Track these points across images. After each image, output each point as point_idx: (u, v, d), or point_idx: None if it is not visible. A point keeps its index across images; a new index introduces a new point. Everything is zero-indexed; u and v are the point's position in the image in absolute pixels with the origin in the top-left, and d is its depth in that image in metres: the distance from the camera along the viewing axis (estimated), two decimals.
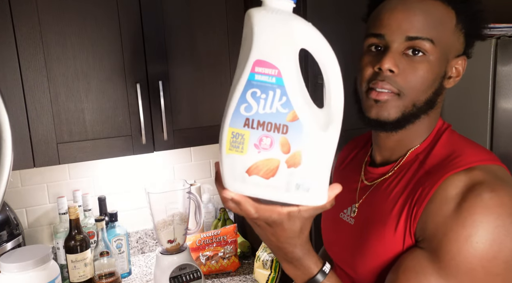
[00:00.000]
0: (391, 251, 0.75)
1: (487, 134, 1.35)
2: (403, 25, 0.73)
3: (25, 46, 1.31)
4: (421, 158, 0.79)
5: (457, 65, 0.79)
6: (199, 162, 1.94)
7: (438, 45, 0.74)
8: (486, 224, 0.65)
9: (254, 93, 0.52)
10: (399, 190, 0.78)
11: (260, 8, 0.52)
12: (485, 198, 0.66)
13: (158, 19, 1.45)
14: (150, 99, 1.48)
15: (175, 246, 1.41)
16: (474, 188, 0.68)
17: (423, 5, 0.74)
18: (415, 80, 0.74)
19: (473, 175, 0.69)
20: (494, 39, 1.30)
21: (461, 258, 0.66)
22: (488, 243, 0.65)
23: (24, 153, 1.35)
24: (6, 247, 1.39)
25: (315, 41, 0.53)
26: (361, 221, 0.84)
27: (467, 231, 0.65)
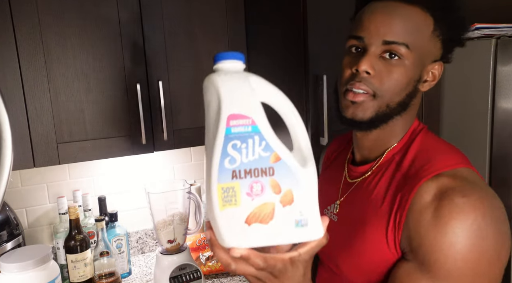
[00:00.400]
0: (377, 250, 0.78)
1: (487, 134, 1.35)
2: (381, 29, 0.76)
3: (25, 46, 1.31)
4: (398, 158, 0.82)
5: (433, 70, 0.81)
6: (199, 162, 1.94)
7: (414, 50, 0.76)
8: (465, 230, 0.68)
9: (235, 145, 0.54)
10: (379, 191, 0.81)
11: (218, 73, 0.58)
12: (459, 204, 0.69)
13: (158, 19, 1.45)
14: (150, 99, 1.48)
15: (175, 246, 1.41)
16: (446, 194, 0.71)
17: (402, 11, 0.76)
18: (390, 82, 0.77)
19: (443, 182, 0.73)
20: (494, 39, 1.30)
21: (449, 265, 0.69)
22: (470, 247, 0.68)
23: (24, 153, 1.35)
24: (6, 247, 1.39)
25: (272, 94, 0.60)
26: (344, 218, 0.87)
27: (449, 239, 0.68)
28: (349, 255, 0.83)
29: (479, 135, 1.38)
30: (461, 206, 0.69)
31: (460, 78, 1.44)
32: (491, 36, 1.36)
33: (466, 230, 0.68)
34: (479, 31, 1.40)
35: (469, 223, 0.68)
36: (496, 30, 1.39)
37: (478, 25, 1.39)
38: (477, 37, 1.41)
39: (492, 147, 1.35)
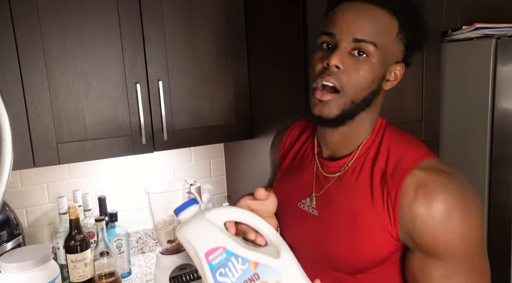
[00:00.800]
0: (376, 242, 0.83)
1: (487, 134, 1.35)
2: (351, 27, 0.80)
3: (25, 46, 1.31)
4: (372, 154, 0.87)
5: (395, 71, 0.87)
6: (199, 162, 1.94)
7: (380, 49, 0.81)
8: (455, 215, 0.77)
9: (221, 273, 0.66)
10: (363, 186, 0.86)
11: (183, 226, 0.69)
12: (444, 194, 0.77)
13: (158, 19, 1.45)
14: (150, 99, 1.48)
15: (175, 246, 1.41)
16: (429, 188, 0.78)
17: (371, 12, 0.81)
18: (356, 78, 0.81)
19: (421, 176, 0.80)
20: (494, 39, 1.30)
21: (452, 247, 0.78)
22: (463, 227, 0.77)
23: (24, 153, 1.35)
24: (6, 247, 1.39)
25: (229, 215, 0.72)
26: (326, 213, 0.90)
27: (444, 226, 0.77)
28: (343, 248, 0.86)
29: (479, 135, 1.38)
30: (445, 195, 0.77)
31: (460, 78, 1.44)
32: (491, 36, 1.36)
33: (456, 214, 0.77)
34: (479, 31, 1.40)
35: (456, 208, 0.77)
36: (496, 30, 1.39)
37: (478, 25, 1.39)
38: (477, 37, 1.41)
39: (492, 147, 1.35)
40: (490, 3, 1.52)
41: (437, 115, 1.51)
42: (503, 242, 1.35)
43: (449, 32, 1.49)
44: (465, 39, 1.43)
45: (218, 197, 2.00)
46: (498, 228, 1.36)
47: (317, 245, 0.91)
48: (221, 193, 2.01)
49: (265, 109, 1.56)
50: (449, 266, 0.79)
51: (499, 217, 1.35)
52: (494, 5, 1.53)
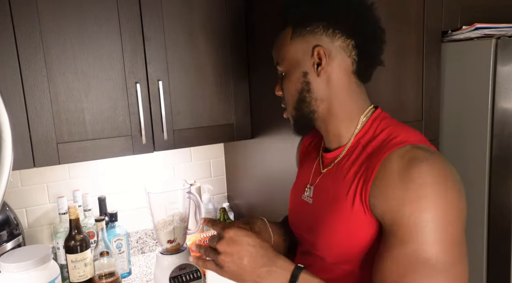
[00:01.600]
0: (349, 227, 0.85)
1: (487, 134, 1.35)
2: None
3: (25, 46, 1.31)
4: (363, 142, 0.91)
5: (315, 55, 0.91)
6: (199, 162, 1.94)
7: (283, 62, 0.95)
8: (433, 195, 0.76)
9: None
10: (346, 171, 0.90)
11: None
12: (425, 172, 0.77)
13: (158, 19, 1.45)
14: (150, 99, 1.48)
15: (175, 246, 1.41)
16: (412, 163, 0.78)
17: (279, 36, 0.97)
18: (286, 94, 0.98)
19: (409, 152, 0.81)
20: (494, 39, 1.30)
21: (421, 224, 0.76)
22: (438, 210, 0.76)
23: (24, 153, 1.35)
24: (6, 247, 1.39)
25: None
26: (317, 201, 0.96)
27: (419, 205, 0.76)
28: (323, 233, 0.90)
29: (479, 135, 1.38)
30: (427, 173, 0.77)
31: (460, 78, 1.44)
32: (491, 36, 1.36)
33: (434, 195, 0.76)
34: (479, 31, 1.40)
35: (436, 189, 0.76)
36: (496, 30, 1.39)
37: (478, 25, 1.39)
38: (477, 37, 1.41)
39: (492, 147, 1.35)
40: (490, 3, 1.52)
41: (437, 115, 1.51)
42: (503, 242, 1.35)
43: (449, 32, 1.49)
44: (465, 39, 1.43)
45: (218, 197, 2.01)
46: (498, 228, 1.36)
47: (309, 231, 0.97)
48: (221, 193, 2.01)
49: (265, 109, 1.56)
50: (404, 251, 0.76)
51: (499, 217, 1.35)
52: (494, 5, 1.53)
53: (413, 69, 1.46)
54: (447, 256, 0.75)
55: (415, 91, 1.48)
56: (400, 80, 1.46)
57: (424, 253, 0.75)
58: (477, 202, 1.39)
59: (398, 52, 1.43)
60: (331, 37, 0.89)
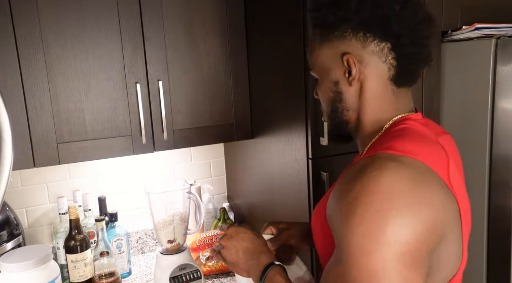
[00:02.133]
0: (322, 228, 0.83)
1: (487, 134, 1.35)
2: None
3: (25, 46, 1.31)
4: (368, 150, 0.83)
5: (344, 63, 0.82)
6: (199, 162, 1.94)
7: (315, 68, 0.88)
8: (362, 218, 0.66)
9: None
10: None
11: None
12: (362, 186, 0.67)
13: (158, 19, 1.45)
14: (150, 99, 1.48)
15: (175, 246, 1.41)
16: (357, 174, 0.70)
17: (310, 43, 0.89)
18: (321, 101, 0.90)
19: (366, 161, 0.72)
20: (494, 39, 1.30)
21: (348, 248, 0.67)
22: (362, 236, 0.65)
23: (24, 153, 1.35)
24: (6, 247, 1.39)
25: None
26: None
27: (347, 226, 0.67)
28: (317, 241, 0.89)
29: (479, 135, 1.38)
30: (366, 188, 0.67)
31: (460, 78, 1.44)
32: (491, 36, 1.36)
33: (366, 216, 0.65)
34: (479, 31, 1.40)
35: (368, 209, 0.65)
36: (496, 30, 1.39)
37: (478, 25, 1.39)
38: (477, 37, 1.41)
39: (492, 147, 1.35)
40: (490, 3, 1.52)
41: (437, 115, 1.51)
42: (503, 242, 1.35)
43: (449, 32, 1.49)
44: (465, 39, 1.43)
45: (218, 197, 2.00)
46: (498, 228, 1.36)
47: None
48: (221, 193, 2.01)
49: (265, 109, 1.56)
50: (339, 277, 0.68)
51: (499, 217, 1.35)
52: (494, 5, 1.53)
53: None
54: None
55: (415, 91, 1.48)
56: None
57: (349, 279, 0.66)
58: (477, 203, 1.39)
59: None
60: (362, 42, 0.79)
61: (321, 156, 1.27)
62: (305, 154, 1.29)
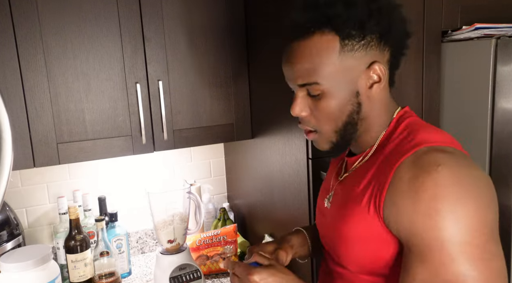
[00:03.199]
0: (365, 231, 0.79)
1: (487, 134, 1.35)
2: (291, 77, 0.82)
3: (25, 46, 1.31)
4: (381, 145, 0.84)
5: (373, 73, 0.80)
6: (199, 162, 1.94)
7: (327, 79, 0.78)
8: (446, 210, 0.68)
9: None
10: (362, 176, 0.83)
11: None
12: (439, 185, 0.68)
13: (158, 19, 1.45)
14: (150, 99, 1.48)
15: (175, 246, 1.41)
16: (424, 169, 0.70)
17: (304, 49, 0.78)
18: (324, 116, 0.81)
19: (423, 156, 0.72)
20: (494, 39, 1.30)
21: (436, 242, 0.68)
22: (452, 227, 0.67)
23: (24, 153, 1.35)
24: (6, 247, 1.39)
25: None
26: (335, 204, 0.91)
27: (432, 220, 0.68)
28: (340, 241, 0.86)
29: (479, 135, 1.38)
30: (440, 181, 0.68)
31: (460, 78, 1.44)
32: (491, 36, 1.36)
33: (449, 207, 0.67)
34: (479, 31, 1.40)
35: (443, 194, 0.68)
36: (496, 30, 1.39)
37: (478, 25, 1.39)
38: (477, 37, 1.41)
39: (492, 147, 1.35)
40: (490, 3, 1.52)
41: (437, 115, 1.51)
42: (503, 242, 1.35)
43: (449, 32, 1.49)
44: (465, 39, 1.43)
45: (218, 197, 2.01)
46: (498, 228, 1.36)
47: (331, 239, 0.92)
48: (221, 193, 2.01)
49: (265, 109, 1.56)
50: (427, 269, 0.69)
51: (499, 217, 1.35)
52: (494, 5, 1.53)
53: (413, 69, 1.46)
54: (474, 272, 0.67)
55: (415, 91, 1.48)
56: (400, 80, 1.46)
57: (444, 275, 0.67)
58: None
59: None
60: (382, 51, 0.80)
61: (321, 156, 1.27)
62: (305, 154, 1.29)
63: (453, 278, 0.67)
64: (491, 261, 0.68)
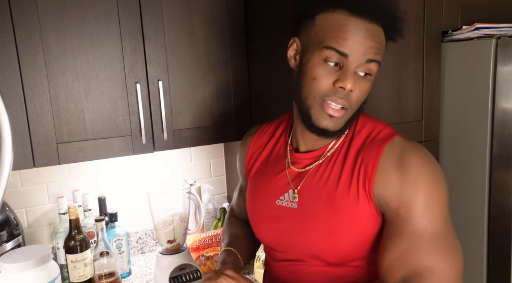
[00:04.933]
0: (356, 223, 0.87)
1: (487, 134, 1.35)
2: (367, 51, 0.83)
3: (25, 46, 1.31)
4: (348, 139, 0.92)
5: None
6: (199, 162, 1.94)
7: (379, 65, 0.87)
8: (423, 181, 0.83)
9: None
10: (339, 169, 0.90)
11: None
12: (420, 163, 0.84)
13: (158, 19, 1.45)
14: (150, 99, 1.48)
15: (175, 246, 1.41)
16: (407, 154, 0.85)
17: (376, 32, 0.84)
18: (362, 96, 0.87)
19: (400, 144, 0.87)
20: (494, 39, 1.30)
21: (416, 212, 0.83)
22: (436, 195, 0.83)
23: (24, 153, 1.35)
24: (6, 247, 1.39)
25: None
26: (305, 204, 0.93)
27: (421, 188, 0.83)
28: (326, 235, 0.89)
29: (479, 135, 1.38)
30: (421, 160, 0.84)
31: (460, 78, 1.44)
32: (491, 36, 1.36)
33: (424, 179, 0.83)
34: (479, 31, 1.40)
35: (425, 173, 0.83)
36: (496, 30, 1.39)
37: (478, 25, 1.39)
38: (477, 37, 1.41)
39: (492, 147, 1.35)
40: (490, 3, 1.52)
41: (437, 115, 1.51)
42: (503, 242, 1.35)
43: (449, 32, 1.49)
44: (465, 39, 1.43)
45: (218, 197, 2.01)
46: (498, 228, 1.36)
47: (298, 237, 0.93)
48: (221, 193, 2.01)
49: (265, 109, 1.56)
50: (412, 230, 0.82)
51: (499, 217, 1.35)
52: (494, 5, 1.53)
53: (413, 69, 1.46)
54: (447, 230, 0.83)
55: (415, 91, 1.48)
56: (400, 80, 1.46)
57: (431, 229, 0.82)
58: (477, 202, 1.39)
59: (398, 52, 1.43)
60: None
61: None
62: None
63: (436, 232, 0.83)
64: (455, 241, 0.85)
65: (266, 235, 1.01)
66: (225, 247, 1.11)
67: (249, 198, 1.06)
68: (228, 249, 1.10)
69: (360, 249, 0.89)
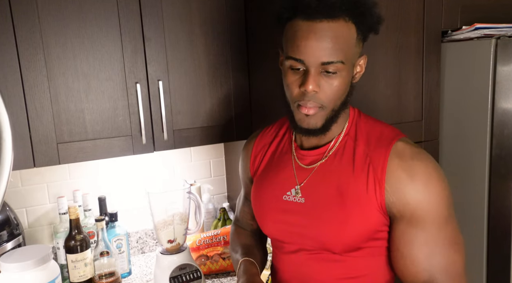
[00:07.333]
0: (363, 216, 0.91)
1: (487, 134, 1.35)
2: (317, 53, 0.85)
3: (25, 46, 1.31)
4: (352, 138, 0.96)
5: (360, 64, 0.94)
6: (199, 162, 1.94)
7: (347, 62, 0.88)
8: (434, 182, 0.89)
9: None
10: (346, 166, 0.94)
11: None
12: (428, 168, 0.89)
13: (158, 19, 1.45)
14: (150, 99, 1.48)
15: (175, 246, 1.41)
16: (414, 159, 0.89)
17: (331, 30, 0.85)
18: (332, 93, 0.89)
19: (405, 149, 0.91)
20: (494, 39, 1.30)
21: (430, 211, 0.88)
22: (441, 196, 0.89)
23: (24, 153, 1.35)
24: (6, 247, 1.39)
25: None
26: (313, 199, 0.97)
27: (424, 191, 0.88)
28: (333, 225, 0.93)
29: (479, 135, 1.38)
30: (426, 163, 0.89)
31: (460, 78, 1.44)
32: (491, 36, 1.36)
33: (435, 181, 0.89)
34: (479, 31, 1.40)
35: (435, 175, 0.89)
36: (496, 30, 1.39)
37: (478, 25, 1.40)
38: (477, 37, 1.41)
39: (492, 147, 1.35)
40: (490, 3, 1.52)
41: (436, 115, 1.51)
42: (503, 242, 1.35)
43: (449, 32, 1.49)
44: (465, 39, 1.43)
45: (218, 197, 2.01)
46: (498, 228, 1.36)
47: (307, 229, 0.96)
48: (221, 193, 2.01)
49: (265, 109, 1.56)
50: (428, 234, 0.88)
51: (499, 217, 1.35)
52: (494, 5, 1.53)
53: (413, 69, 1.46)
54: (456, 229, 0.91)
55: (415, 91, 1.48)
56: (400, 80, 1.46)
57: (444, 232, 0.89)
58: (477, 202, 1.39)
59: (398, 52, 1.43)
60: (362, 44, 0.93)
61: None
62: None
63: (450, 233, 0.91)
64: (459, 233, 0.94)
65: (273, 228, 1.04)
66: (243, 257, 1.10)
67: (255, 194, 1.09)
68: (250, 260, 1.09)
69: (365, 238, 0.93)
